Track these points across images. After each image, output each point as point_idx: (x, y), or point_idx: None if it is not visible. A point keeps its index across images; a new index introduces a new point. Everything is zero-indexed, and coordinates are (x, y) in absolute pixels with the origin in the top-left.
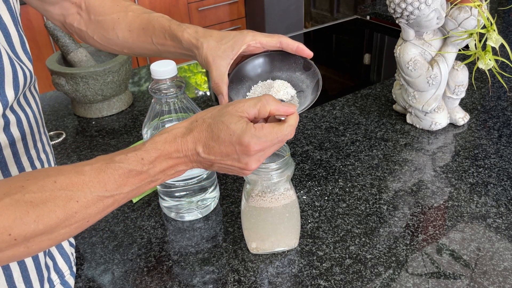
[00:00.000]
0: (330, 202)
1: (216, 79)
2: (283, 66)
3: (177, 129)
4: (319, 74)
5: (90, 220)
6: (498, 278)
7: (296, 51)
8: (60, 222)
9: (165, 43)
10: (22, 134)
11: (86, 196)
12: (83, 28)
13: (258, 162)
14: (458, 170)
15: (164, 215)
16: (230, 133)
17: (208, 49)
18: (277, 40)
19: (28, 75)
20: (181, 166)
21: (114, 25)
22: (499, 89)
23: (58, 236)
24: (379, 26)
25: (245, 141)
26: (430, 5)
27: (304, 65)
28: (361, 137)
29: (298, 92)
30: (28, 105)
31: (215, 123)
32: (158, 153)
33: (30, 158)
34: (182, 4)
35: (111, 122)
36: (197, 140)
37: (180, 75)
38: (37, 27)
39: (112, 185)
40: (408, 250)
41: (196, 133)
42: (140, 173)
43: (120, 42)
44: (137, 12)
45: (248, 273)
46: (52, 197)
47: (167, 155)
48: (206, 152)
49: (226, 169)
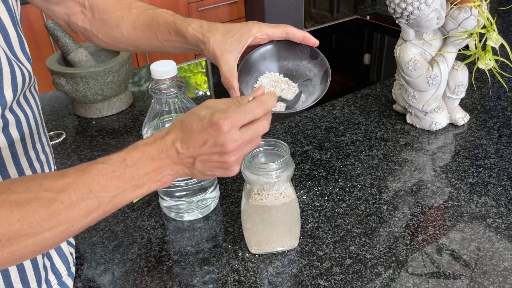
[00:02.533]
0: (330, 202)
1: (226, 74)
2: (290, 55)
3: (157, 133)
4: (327, 62)
5: (74, 225)
6: (498, 278)
7: (303, 40)
8: (44, 223)
9: (170, 39)
10: (21, 135)
11: (71, 198)
12: (88, 27)
13: (235, 142)
14: (458, 170)
15: (164, 215)
16: (201, 119)
17: (215, 43)
18: (283, 30)
19: (27, 76)
20: (166, 170)
21: (118, 23)
22: (499, 89)
23: (42, 241)
24: (379, 26)
25: (214, 119)
26: (430, 5)
27: (310, 54)
28: (361, 137)
29: (306, 80)
30: (28, 106)
31: (186, 117)
32: (140, 154)
33: (29, 159)
34: (182, 4)
35: (111, 122)
36: (174, 138)
37: (180, 75)
38: (37, 27)
39: (96, 186)
40: (408, 250)
41: (173, 133)
42: (123, 175)
43: (125, 40)
44: (141, 8)
45: (248, 273)
46: (36, 197)
47: (150, 156)
48: (184, 146)
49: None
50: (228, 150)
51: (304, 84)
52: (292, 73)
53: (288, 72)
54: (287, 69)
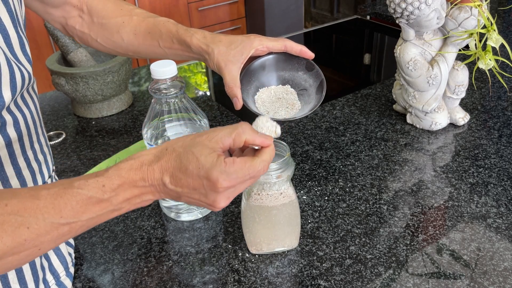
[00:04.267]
0: (330, 202)
1: (230, 83)
2: (287, 66)
3: (145, 156)
4: (322, 74)
5: (42, 248)
6: (498, 278)
7: (300, 53)
8: (7, 249)
9: (172, 47)
10: (19, 134)
11: (38, 223)
12: (86, 31)
13: (228, 199)
14: (458, 170)
15: (164, 215)
16: (199, 166)
17: (219, 54)
18: (282, 44)
19: (26, 77)
20: (148, 196)
21: (119, 29)
22: (499, 89)
23: (6, 264)
24: (379, 26)
25: (213, 176)
26: (430, 5)
27: (306, 66)
28: (361, 137)
29: (301, 90)
30: (26, 106)
31: (185, 153)
32: (122, 181)
33: (27, 159)
34: (182, 4)
35: (111, 122)
36: (165, 170)
37: (180, 75)
38: (37, 27)
39: (68, 212)
40: (408, 250)
41: (164, 162)
42: (100, 201)
43: (125, 45)
44: (142, 16)
45: (248, 273)
46: (0, 221)
47: (132, 183)
48: (173, 183)
49: (195, 203)
50: (218, 206)
51: (300, 93)
52: (288, 83)
53: (285, 82)
54: (284, 79)
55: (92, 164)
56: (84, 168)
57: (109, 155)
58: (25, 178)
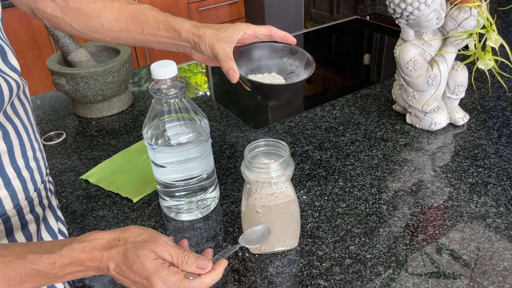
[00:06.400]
0: (330, 202)
1: (225, 57)
2: (271, 55)
3: (98, 240)
4: (307, 53)
5: None
6: (497, 278)
7: (283, 39)
8: None
9: (157, 34)
10: (8, 146)
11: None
12: (58, 15)
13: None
14: (457, 170)
15: (164, 215)
16: (143, 268)
17: (211, 35)
18: (267, 29)
19: (14, 86)
20: (91, 272)
21: (99, 14)
22: (498, 89)
23: None
24: (379, 26)
25: (153, 280)
26: (429, 5)
27: (290, 51)
28: (361, 137)
29: (288, 73)
30: (17, 115)
31: (131, 254)
32: (72, 260)
33: (17, 169)
34: (182, 4)
35: (111, 122)
36: (112, 259)
37: (180, 75)
38: (37, 27)
39: (16, 281)
40: (407, 250)
41: (113, 252)
42: (48, 274)
43: (104, 31)
44: (124, 2)
45: (248, 273)
46: None
47: (80, 263)
48: (116, 271)
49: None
50: None
51: (287, 77)
52: (274, 71)
53: (271, 71)
54: (269, 67)
55: (92, 164)
56: (84, 168)
57: (109, 155)
58: (15, 188)
